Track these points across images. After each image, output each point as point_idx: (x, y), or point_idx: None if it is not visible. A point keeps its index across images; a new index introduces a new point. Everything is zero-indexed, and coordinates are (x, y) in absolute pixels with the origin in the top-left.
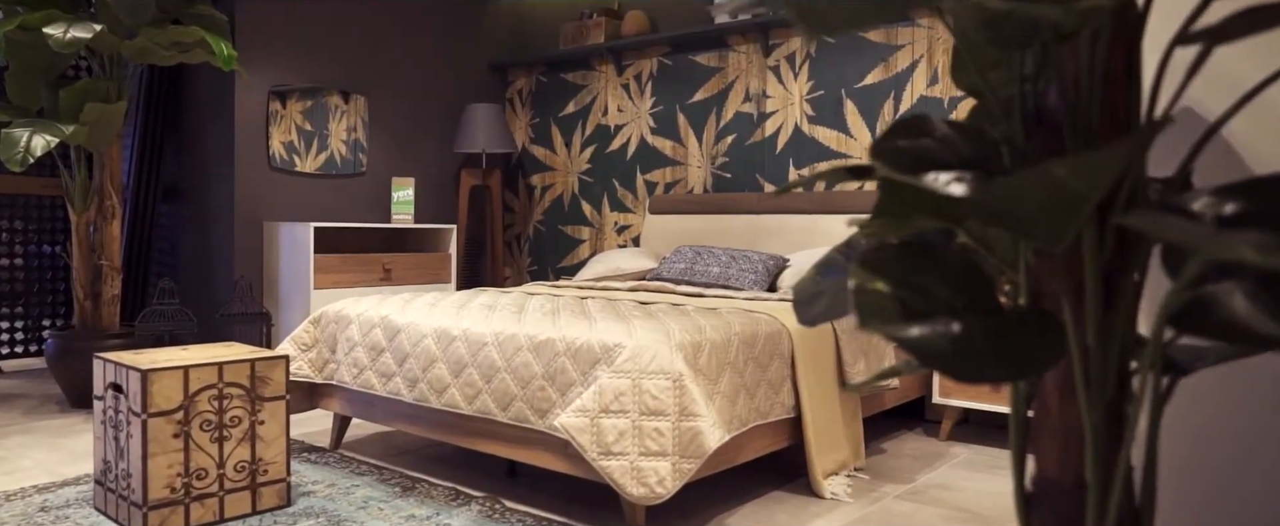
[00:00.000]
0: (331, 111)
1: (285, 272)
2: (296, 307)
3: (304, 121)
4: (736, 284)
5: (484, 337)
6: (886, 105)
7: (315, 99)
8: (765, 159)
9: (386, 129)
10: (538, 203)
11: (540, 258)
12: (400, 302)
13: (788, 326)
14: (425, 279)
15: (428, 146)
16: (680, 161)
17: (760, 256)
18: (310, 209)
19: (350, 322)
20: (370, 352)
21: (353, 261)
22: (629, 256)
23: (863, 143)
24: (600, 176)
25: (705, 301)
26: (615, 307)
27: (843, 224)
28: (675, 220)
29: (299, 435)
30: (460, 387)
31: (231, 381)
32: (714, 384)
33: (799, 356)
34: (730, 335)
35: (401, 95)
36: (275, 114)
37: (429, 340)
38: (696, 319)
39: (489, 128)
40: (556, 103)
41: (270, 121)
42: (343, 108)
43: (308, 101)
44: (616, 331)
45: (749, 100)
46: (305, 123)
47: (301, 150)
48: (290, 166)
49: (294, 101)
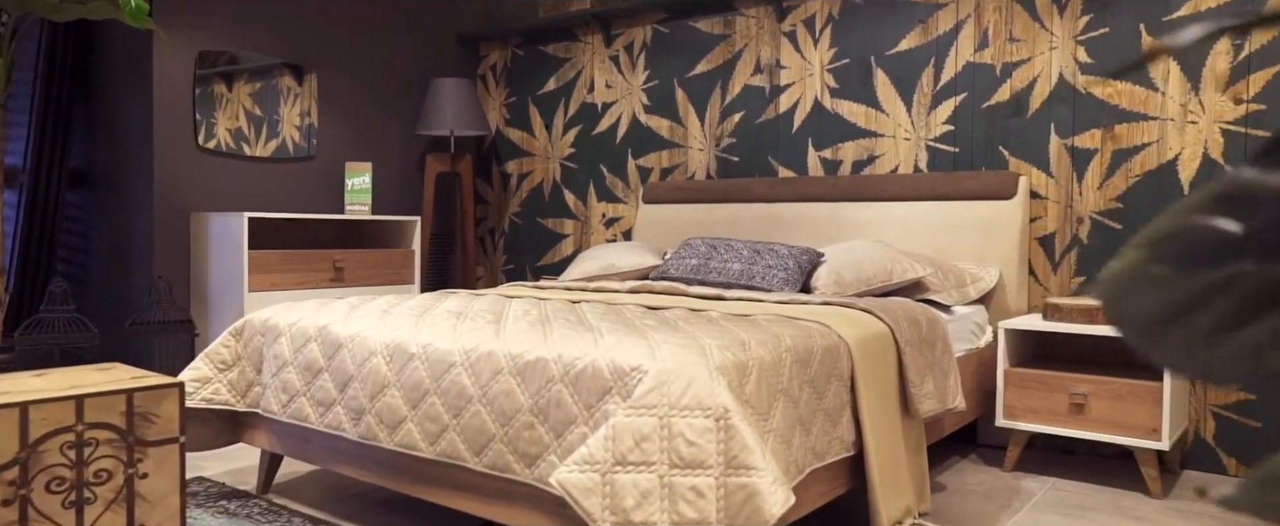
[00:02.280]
0: (283, 94)
1: (215, 272)
2: (228, 314)
3: (253, 105)
4: (762, 283)
5: (451, 356)
6: (925, 74)
7: (264, 80)
8: (779, 139)
9: (338, 106)
10: (514, 192)
11: (517, 255)
12: (344, 308)
13: (845, 338)
14: (384, 279)
15: (387, 127)
16: (679, 144)
17: (790, 250)
18: (247, 198)
19: (279, 335)
20: (304, 374)
21: (297, 259)
22: (626, 251)
23: (897, 119)
24: (586, 162)
25: (728, 305)
26: (619, 315)
27: (872, 212)
28: (673, 211)
29: (219, 474)
30: (419, 422)
31: (97, 421)
32: (765, 419)
33: (860, 377)
34: (780, 352)
35: (355, 67)
36: (219, 96)
37: (379, 358)
38: (732, 330)
39: (458, 106)
40: (535, 79)
41: (215, 102)
42: (295, 90)
43: (256, 83)
44: (632, 348)
45: (760, 71)
46: (255, 106)
47: (251, 137)
48: (239, 155)
49: (241, 83)
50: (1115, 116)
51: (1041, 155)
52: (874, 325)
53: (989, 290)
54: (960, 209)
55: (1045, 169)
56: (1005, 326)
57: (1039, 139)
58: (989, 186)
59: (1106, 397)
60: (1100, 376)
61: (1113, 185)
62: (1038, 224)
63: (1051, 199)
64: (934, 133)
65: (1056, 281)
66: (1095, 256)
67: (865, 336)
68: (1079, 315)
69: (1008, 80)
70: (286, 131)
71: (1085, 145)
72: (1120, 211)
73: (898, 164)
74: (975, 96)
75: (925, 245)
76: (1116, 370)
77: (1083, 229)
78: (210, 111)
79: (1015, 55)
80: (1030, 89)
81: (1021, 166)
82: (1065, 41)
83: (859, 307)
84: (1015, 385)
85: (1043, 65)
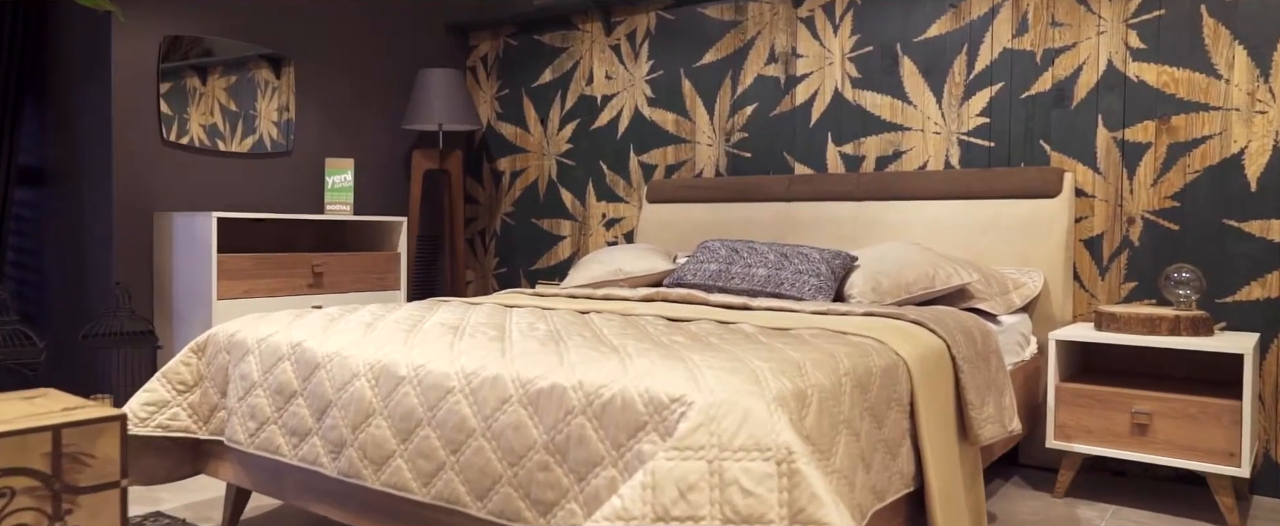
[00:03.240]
0: (261, 88)
1: (181, 278)
2: (194, 324)
3: (229, 100)
4: (792, 291)
5: (448, 380)
6: (957, 62)
7: (240, 73)
8: (795, 133)
9: (317, 98)
10: (507, 191)
11: (510, 258)
12: (321, 321)
13: (903, 356)
14: (367, 285)
15: (370, 121)
16: (686, 139)
17: (821, 254)
18: (217, 197)
19: (247, 352)
20: (275, 398)
21: (272, 263)
22: (634, 255)
23: (925, 111)
24: (584, 159)
25: (758, 316)
26: (640, 329)
27: (900, 212)
28: (680, 211)
29: (179, 507)
30: (411, 458)
31: (13, 466)
32: (827, 458)
33: (920, 401)
34: (839, 375)
35: (336, 55)
36: (192, 90)
37: (362, 382)
38: (779, 348)
39: (447, 99)
40: (529, 70)
41: (187, 96)
42: (273, 83)
43: (231, 77)
44: (669, 373)
45: (774, 61)
46: (230, 101)
47: (226, 133)
48: (209, 150)
49: (216, 76)
50: (1172, 106)
51: (1087, 150)
52: (928, 340)
53: (1033, 297)
54: (998, 208)
55: (1092, 165)
56: (1056, 337)
57: (1085, 132)
58: (1030, 184)
59: (1174, 417)
60: (1166, 393)
61: (1168, 182)
62: (1083, 224)
63: (1099, 197)
64: (967, 126)
65: (1104, 287)
66: (1148, 260)
67: (923, 353)
68: (1138, 325)
69: (1049, 68)
70: (264, 127)
71: (1137, 138)
72: (1177, 211)
73: (927, 160)
74: (1013, 86)
75: (959, 248)
76: (1180, 386)
77: (1134, 230)
78: (183, 106)
79: (1058, 41)
80: (1075, 77)
81: (1065, 162)
82: (1115, 25)
83: (908, 319)
84: (1068, 402)
85: (1089, 51)
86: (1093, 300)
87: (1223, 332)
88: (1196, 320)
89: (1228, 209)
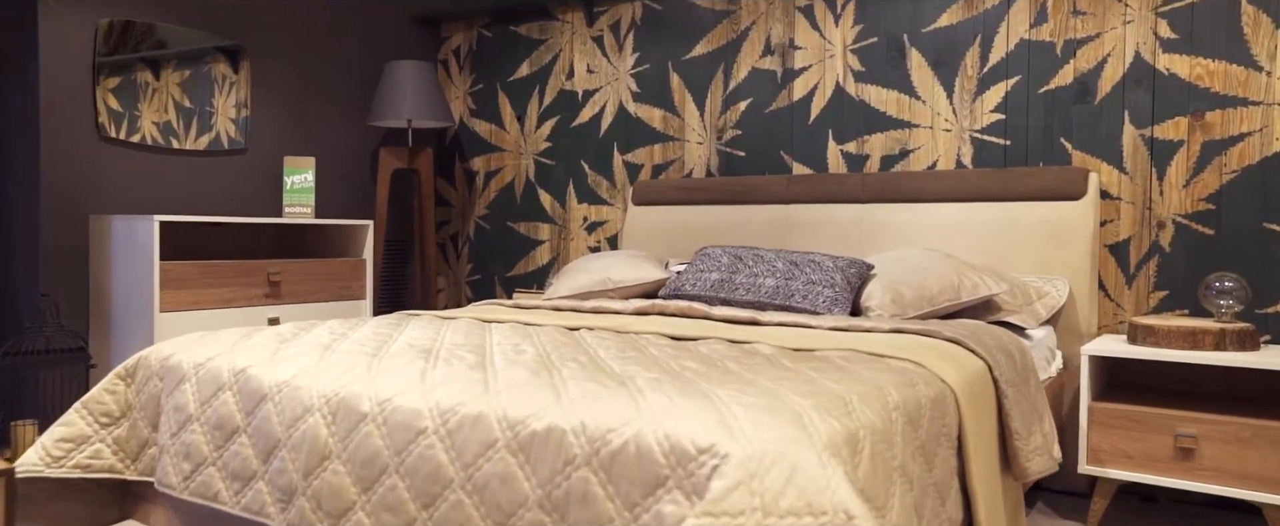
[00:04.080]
0: (217, 83)
1: (119, 289)
2: (134, 340)
3: (183, 96)
4: (804, 303)
5: (419, 418)
6: (969, 55)
7: (195, 67)
8: (793, 131)
9: (275, 90)
10: (481, 193)
11: (484, 264)
12: (271, 342)
13: (949, 383)
14: (329, 293)
15: (333, 116)
16: (674, 136)
17: (835, 262)
18: (161, 198)
19: (183, 379)
20: (214, 435)
21: (223, 271)
22: (623, 262)
23: (935, 107)
24: (564, 158)
25: (772, 333)
26: (641, 350)
27: (909, 215)
28: (668, 214)
29: None
30: (374, 512)
31: None
32: (883, 513)
33: (969, 434)
34: (888, 411)
35: (297, 46)
36: (144, 85)
37: (316, 417)
38: (812, 376)
39: (417, 93)
40: (505, 63)
41: (138, 92)
42: (231, 78)
43: (185, 71)
44: (693, 414)
45: (770, 53)
46: (185, 97)
47: (180, 131)
48: (153, 147)
49: (169, 71)
50: (1206, 101)
51: (1113, 148)
52: (969, 361)
53: (1058, 308)
54: (1015, 211)
55: (1117, 164)
56: (1089, 353)
57: (1110, 129)
58: (1051, 185)
59: (1224, 441)
60: (1214, 415)
61: (1202, 183)
62: (1108, 229)
63: (1125, 200)
64: (980, 123)
65: (1131, 296)
66: (1180, 267)
67: (968, 378)
68: (1179, 339)
69: (1071, 60)
70: (221, 125)
71: (1168, 136)
72: (1212, 214)
73: (936, 159)
74: (1031, 80)
75: (974, 254)
76: (1223, 405)
77: (1164, 235)
78: (133, 102)
79: (1080, 30)
80: (1099, 71)
81: (1088, 162)
82: (1143, 14)
83: (943, 336)
84: (1102, 424)
85: (1114, 42)
86: (1118, 310)
87: (1268, 347)
88: (1243, 334)
89: (1269, 212)
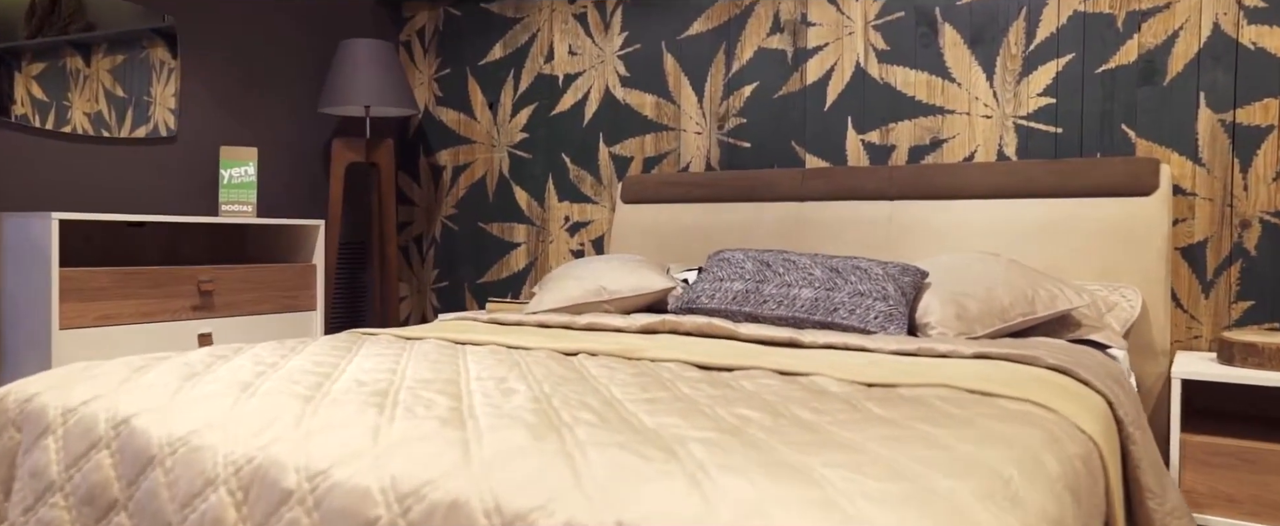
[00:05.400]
0: (155, 70)
1: (11, 301)
2: (26, 362)
3: (114, 84)
4: (853, 320)
5: (366, 501)
6: (1013, 29)
7: (129, 52)
8: (806, 118)
9: (209, 70)
10: (448, 190)
11: (452, 269)
12: (173, 378)
13: (1089, 434)
14: (273, 305)
15: (279, 102)
16: (669, 125)
17: (883, 268)
18: (67, 193)
19: (46, 430)
20: (82, 512)
21: (142, 279)
22: (618, 269)
23: (972, 90)
24: (543, 151)
25: (826, 360)
26: (671, 389)
27: (947, 215)
28: (663, 213)
29: None
30: None
31: None
32: None
33: (1115, 504)
34: (1053, 487)
35: (236, 21)
36: (74, 72)
37: (221, 494)
38: (930, 433)
39: (375, 77)
40: (475, 45)
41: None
42: (170, 64)
43: (117, 56)
44: (800, 510)
45: (780, 31)
46: (116, 86)
47: (112, 123)
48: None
49: (100, 57)
50: None
51: (1185, 136)
52: (1087, 398)
53: (1131, 323)
54: (1072, 210)
55: (1191, 155)
56: (1181, 376)
57: (1182, 114)
58: (1114, 179)
59: None
60: None
61: None
62: (1180, 229)
63: (1202, 195)
64: (1027, 108)
65: (1208, 308)
66: (1268, 272)
67: (1101, 425)
68: None
69: (1135, 35)
70: (159, 115)
71: (1253, 121)
72: None
73: (973, 149)
74: (1087, 58)
75: (1024, 259)
76: None
77: (1249, 235)
78: (62, 92)
79: (1146, 0)
80: (1169, 46)
81: (1155, 151)
82: None
83: (1044, 363)
84: (1199, 461)
85: (1187, 13)
86: (1192, 324)
87: None
88: None
89: None
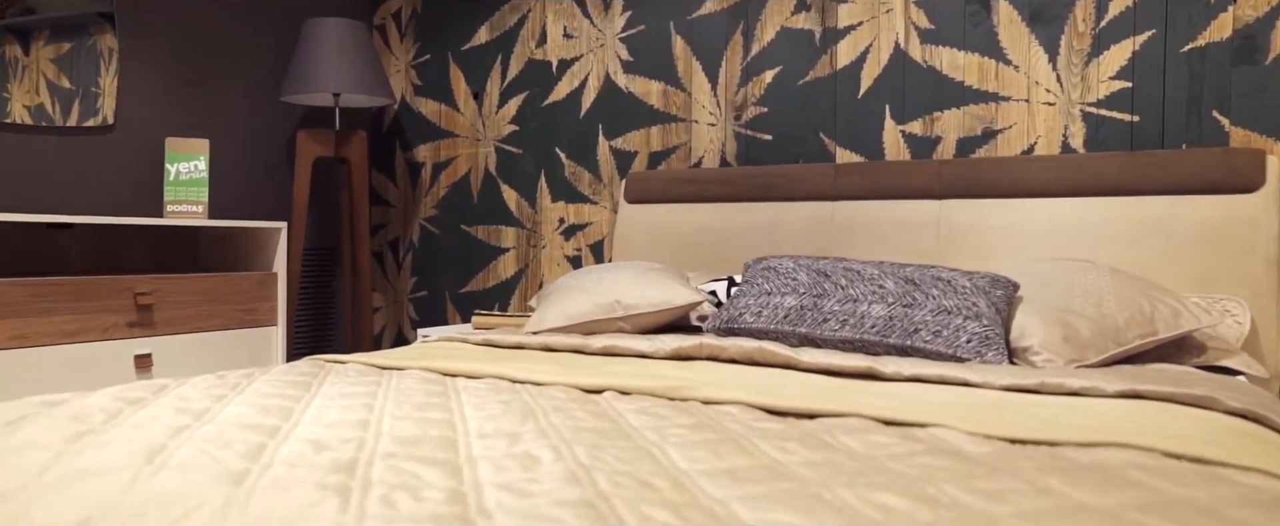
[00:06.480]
0: (102, 58)
1: None
2: None
3: (58, 75)
4: (938, 344)
5: None
6: (1079, 5)
7: (75, 40)
8: (837, 107)
9: (154, 52)
10: (428, 189)
11: (432, 278)
12: (54, 437)
13: None
14: (226, 320)
15: (235, 88)
16: (678, 116)
17: (970, 279)
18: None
19: None
20: None
21: (66, 291)
22: (634, 279)
23: (1032, 73)
24: (534, 145)
25: (916, 399)
26: (745, 447)
27: (1007, 215)
28: (673, 214)
29: None
30: None
31: None
32: None
33: None
34: None
35: None
36: (13, 62)
37: None
38: None
39: (346, 61)
40: (459, 28)
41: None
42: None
43: (62, 44)
44: None
45: (805, 9)
46: (60, 76)
47: (56, 115)
48: None
49: (40, 45)
50: None
51: None
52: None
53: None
54: (1157, 209)
55: None
56: None
57: None
58: (1207, 173)
59: None
60: None
61: None
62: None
63: None
64: (1096, 93)
65: None
66: None
67: None
68: None
69: (1229, 7)
70: (107, 107)
71: None
72: None
73: (1034, 141)
74: (1169, 35)
75: None
76: None
77: None
78: (2, 84)
79: None
80: (1272, 20)
81: (1253, 141)
82: None
83: (1224, 407)
84: None
85: None
86: None
87: None
88: None
89: None
